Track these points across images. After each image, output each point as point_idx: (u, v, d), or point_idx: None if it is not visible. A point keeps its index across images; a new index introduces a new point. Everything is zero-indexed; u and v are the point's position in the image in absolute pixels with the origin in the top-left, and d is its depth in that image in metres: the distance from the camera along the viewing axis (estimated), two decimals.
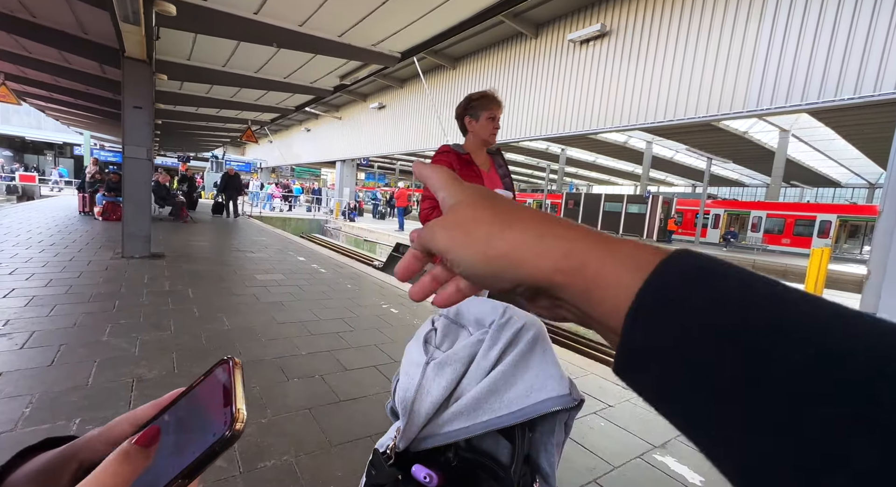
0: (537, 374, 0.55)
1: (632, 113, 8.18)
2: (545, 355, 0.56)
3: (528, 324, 0.58)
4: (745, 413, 0.13)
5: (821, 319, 0.14)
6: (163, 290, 3.79)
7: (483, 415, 0.56)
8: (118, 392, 1.96)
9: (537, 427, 0.56)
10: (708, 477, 1.75)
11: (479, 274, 0.22)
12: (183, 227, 9.08)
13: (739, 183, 36.48)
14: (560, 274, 0.20)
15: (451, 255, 0.23)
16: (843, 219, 18.07)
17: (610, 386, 2.62)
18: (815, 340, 0.13)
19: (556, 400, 0.52)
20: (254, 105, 8.78)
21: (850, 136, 18.26)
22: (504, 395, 0.56)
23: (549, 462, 0.54)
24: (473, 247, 0.22)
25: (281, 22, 4.41)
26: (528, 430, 0.56)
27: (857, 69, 5.55)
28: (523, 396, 0.54)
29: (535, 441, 0.56)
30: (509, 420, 0.54)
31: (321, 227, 18.47)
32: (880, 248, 5.53)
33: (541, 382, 0.54)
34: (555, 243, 0.20)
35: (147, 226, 5.32)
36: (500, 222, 0.22)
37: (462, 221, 0.24)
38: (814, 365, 0.13)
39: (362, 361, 2.61)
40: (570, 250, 0.20)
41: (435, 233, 0.24)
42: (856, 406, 0.12)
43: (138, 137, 5.08)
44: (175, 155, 26.29)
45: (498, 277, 0.22)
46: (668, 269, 0.17)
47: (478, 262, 0.22)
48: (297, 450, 1.65)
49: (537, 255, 0.20)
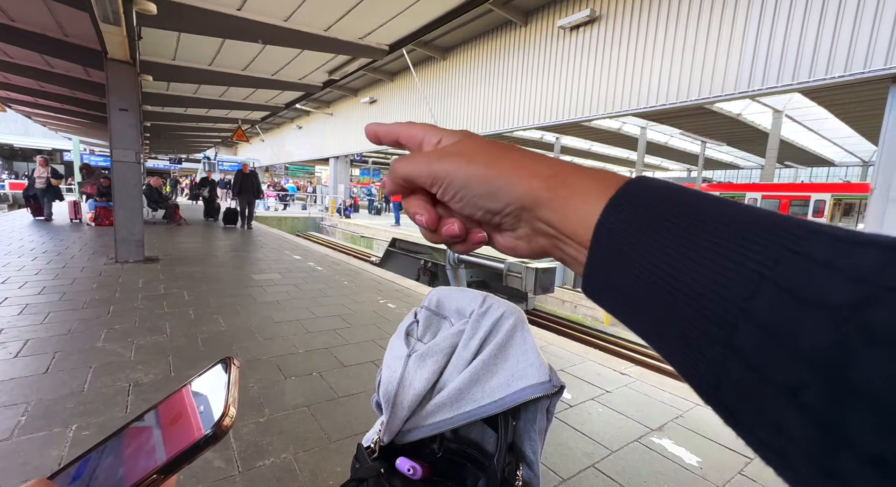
0: (518, 362, 0.54)
1: (624, 98, 8.13)
2: (525, 343, 0.55)
3: (507, 313, 0.57)
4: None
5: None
6: (157, 294, 3.78)
7: (466, 406, 0.56)
8: (114, 397, 1.95)
9: (520, 415, 0.56)
10: (705, 458, 1.77)
11: (475, 192, 0.25)
12: (177, 230, 9.03)
13: (734, 165, 36.47)
14: (547, 191, 0.23)
15: (451, 176, 0.26)
16: (838, 197, 18.13)
17: (607, 372, 2.64)
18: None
19: (537, 387, 0.52)
20: (243, 104, 8.69)
21: (842, 115, 18.23)
22: (486, 385, 0.55)
23: (533, 449, 0.54)
24: (475, 168, 0.25)
25: (265, 17, 4.34)
26: (511, 419, 0.55)
27: (846, 46, 5.52)
28: (504, 385, 0.54)
29: (519, 430, 0.55)
30: (492, 409, 0.54)
31: (317, 225, 18.41)
32: (873, 225, 5.57)
33: (521, 370, 0.53)
34: (546, 166, 0.24)
35: (140, 229, 5.28)
36: (500, 150, 0.26)
37: (465, 149, 0.27)
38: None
39: (360, 357, 2.61)
40: (558, 171, 0.23)
41: (439, 158, 0.26)
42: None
43: (126, 140, 5.02)
44: (167, 157, 26.07)
45: (492, 195, 0.24)
46: (630, 184, 0.21)
47: (478, 180, 0.25)
48: (295, 448, 1.65)
49: (531, 174, 0.24)
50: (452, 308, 0.64)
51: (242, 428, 1.75)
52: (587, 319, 7.25)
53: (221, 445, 1.62)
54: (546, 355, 2.81)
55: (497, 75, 10.83)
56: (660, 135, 25.10)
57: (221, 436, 0.24)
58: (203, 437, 0.23)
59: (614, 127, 23.11)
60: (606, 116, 8.67)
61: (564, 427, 1.94)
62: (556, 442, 1.82)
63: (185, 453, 0.23)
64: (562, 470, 1.63)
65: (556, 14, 9.18)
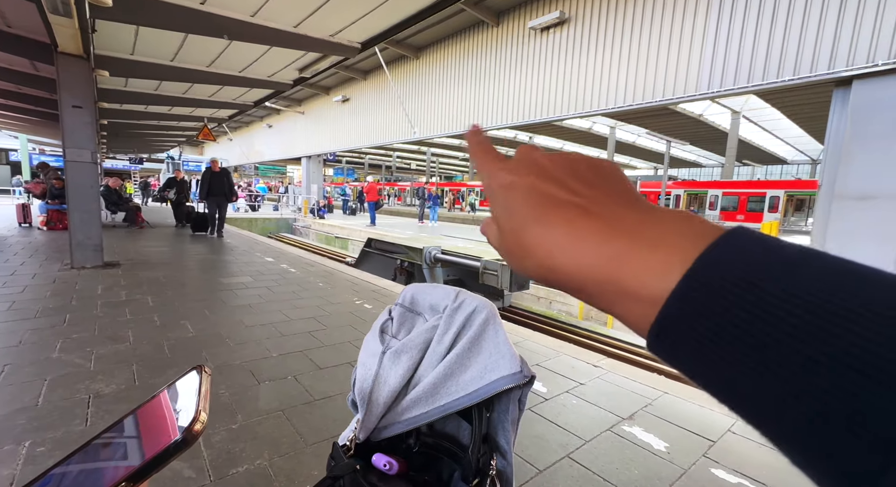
0: (490, 354, 0.55)
1: (594, 98, 8.37)
2: (497, 335, 0.56)
3: (479, 307, 0.58)
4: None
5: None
6: (119, 300, 3.59)
7: (441, 399, 0.57)
8: (72, 410, 1.85)
9: (494, 406, 0.57)
10: (672, 443, 1.85)
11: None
12: (139, 233, 8.60)
13: (697, 164, 38.20)
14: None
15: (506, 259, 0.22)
16: (790, 193, 19.33)
17: (581, 365, 2.72)
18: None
19: (509, 378, 0.53)
20: (209, 101, 8.36)
21: (793, 115, 19.45)
22: (460, 378, 0.56)
23: (507, 439, 0.56)
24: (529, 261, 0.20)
25: (230, 12, 4.19)
26: (485, 410, 0.57)
27: (795, 51, 5.89)
28: (478, 377, 0.55)
29: (493, 421, 0.57)
30: (466, 401, 0.55)
31: (289, 226, 17.96)
32: (820, 220, 5.98)
33: (494, 362, 0.55)
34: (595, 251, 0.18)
35: (98, 233, 5.00)
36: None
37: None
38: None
39: (337, 358, 2.58)
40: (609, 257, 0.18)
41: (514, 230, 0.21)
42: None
43: (80, 139, 4.74)
44: (126, 157, 24.75)
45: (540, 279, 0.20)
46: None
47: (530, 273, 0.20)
48: (270, 453, 1.62)
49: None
50: (426, 304, 0.64)
51: (214, 436, 1.70)
52: (562, 314, 7.42)
53: (191, 454, 1.57)
54: (522, 350, 2.87)
55: (470, 75, 10.90)
56: (628, 134, 25.97)
57: (192, 441, 0.24)
58: (173, 442, 0.23)
59: (585, 126, 23.73)
60: (577, 116, 8.89)
61: (540, 420, 1.98)
62: (532, 435, 1.86)
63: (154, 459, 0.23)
64: (538, 462, 1.67)
65: (528, 15, 9.33)
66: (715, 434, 1.94)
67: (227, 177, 8.16)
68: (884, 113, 5.23)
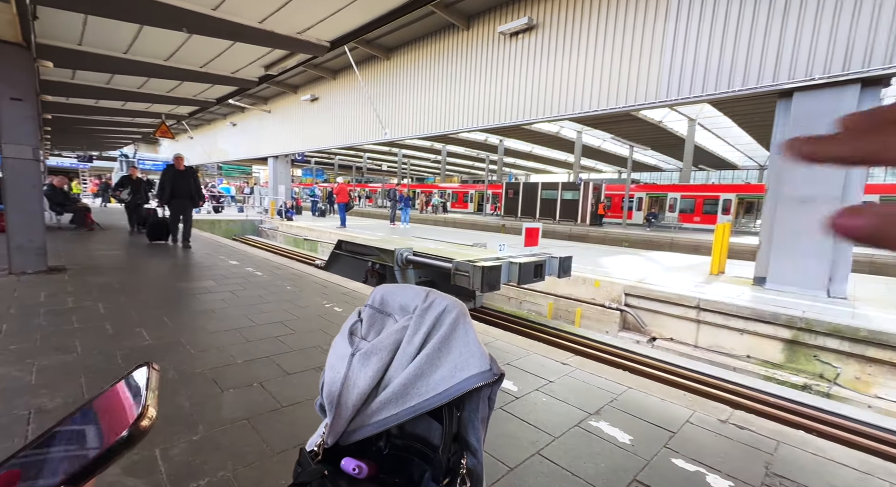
0: (461, 353, 0.56)
1: (561, 103, 8.61)
2: (467, 334, 0.57)
3: (449, 307, 0.59)
4: None
5: None
6: (65, 308, 3.34)
7: (411, 400, 0.56)
8: (10, 427, 1.70)
9: (464, 405, 0.58)
10: (635, 435, 1.93)
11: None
12: (88, 236, 8.03)
13: (658, 168, 40.10)
14: None
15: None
16: (741, 196, 20.64)
17: (550, 364, 2.78)
18: None
19: (479, 376, 0.54)
20: (166, 97, 7.94)
21: (743, 124, 20.81)
22: (430, 378, 0.56)
23: (477, 437, 0.56)
24: None
25: (190, 4, 4.00)
26: (455, 410, 0.57)
27: (743, 64, 6.32)
28: (448, 377, 0.55)
29: (463, 420, 0.57)
30: (437, 401, 0.55)
31: (255, 228, 17.33)
32: (767, 221, 6.42)
33: (464, 361, 0.55)
34: None
35: (41, 236, 4.63)
36: None
37: None
38: None
39: (305, 364, 2.51)
40: None
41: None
42: None
43: (20, 134, 4.38)
44: (73, 154, 23.10)
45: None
46: None
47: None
48: (234, 464, 1.55)
49: None
50: (396, 304, 0.64)
51: (172, 449, 1.61)
52: (531, 314, 7.57)
53: (146, 470, 1.48)
54: (493, 350, 2.90)
55: (441, 77, 10.94)
56: (594, 138, 26.90)
57: (140, 437, 0.24)
58: (117, 440, 0.23)
59: (553, 130, 24.36)
60: (545, 120, 9.11)
61: (511, 419, 2.01)
62: (502, 433, 1.88)
63: (99, 458, 0.23)
64: (509, 460, 1.69)
65: (497, 20, 9.48)
66: (675, 425, 2.04)
67: (192, 178, 7.15)
68: (821, 122, 5.69)
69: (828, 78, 5.60)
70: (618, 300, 6.30)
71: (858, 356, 4.50)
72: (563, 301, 7.12)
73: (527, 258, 5.88)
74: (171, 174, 6.82)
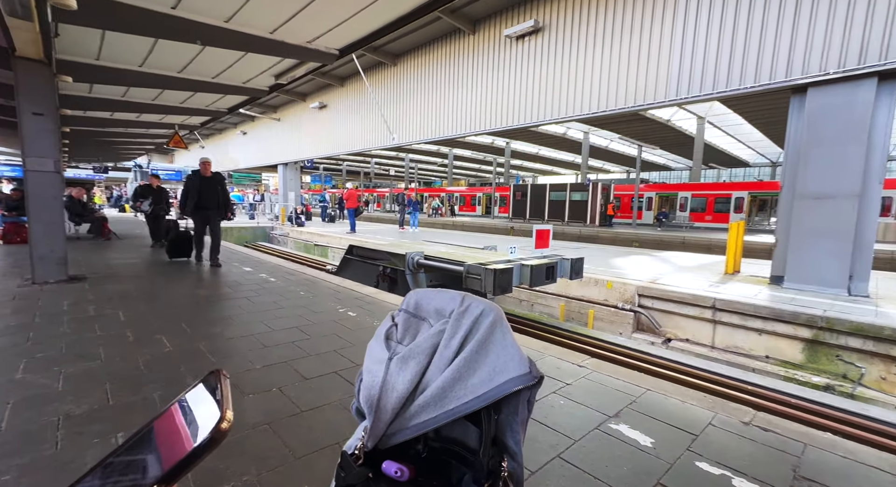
0: (498, 357, 0.56)
1: (568, 105, 8.59)
2: (505, 338, 0.57)
3: (486, 311, 0.59)
4: None
5: None
6: (87, 316, 3.41)
7: (449, 404, 0.57)
8: (41, 433, 1.74)
9: (502, 408, 0.58)
10: (657, 438, 1.90)
11: None
12: (106, 245, 8.21)
13: (667, 167, 39.66)
14: None
15: None
16: (754, 194, 20.30)
17: (566, 366, 2.76)
18: None
19: (518, 379, 0.54)
20: (180, 108, 8.12)
21: (754, 121, 20.51)
22: (468, 381, 0.57)
23: (515, 440, 0.56)
24: None
25: (204, 17, 4.10)
26: (493, 413, 0.57)
27: (754, 60, 6.24)
28: (486, 380, 0.56)
29: (502, 423, 0.57)
30: (475, 405, 0.55)
31: (266, 235, 17.54)
32: (783, 219, 6.30)
33: (502, 364, 0.56)
34: None
35: (61, 246, 4.75)
36: None
37: None
38: None
39: (322, 368, 2.53)
40: None
41: None
42: None
43: (42, 148, 4.50)
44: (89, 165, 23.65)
45: None
46: None
47: None
48: (258, 469, 1.57)
49: None
50: (431, 309, 0.65)
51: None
52: (544, 316, 7.51)
53: None
54: None
55: (448, 81, 11.00)
56: (601, 139, 26.73)
57: (220, 439, 0.25)
58: (201, 443, 0.24)
59: (560, 132, 24.29)
60: (553, 122, 9.09)
61: (530, 422, 2.00)
62: None
63: (182, 461, 0.24)
64: (529, 463, 1.68)
65: (503, 23, 9.51)
66: (697, 428, 2.00)
67: (220, 185, 6.18)
68: (836, 118, 5.59)
69: (843, 72, 5.50)
70: (631, 301, 6.23)
71: (884, 355, 4.38)
72: (575, 302, 7.06)
73: (538, 260, 5.86)
74: (196, 181, 5.96)
